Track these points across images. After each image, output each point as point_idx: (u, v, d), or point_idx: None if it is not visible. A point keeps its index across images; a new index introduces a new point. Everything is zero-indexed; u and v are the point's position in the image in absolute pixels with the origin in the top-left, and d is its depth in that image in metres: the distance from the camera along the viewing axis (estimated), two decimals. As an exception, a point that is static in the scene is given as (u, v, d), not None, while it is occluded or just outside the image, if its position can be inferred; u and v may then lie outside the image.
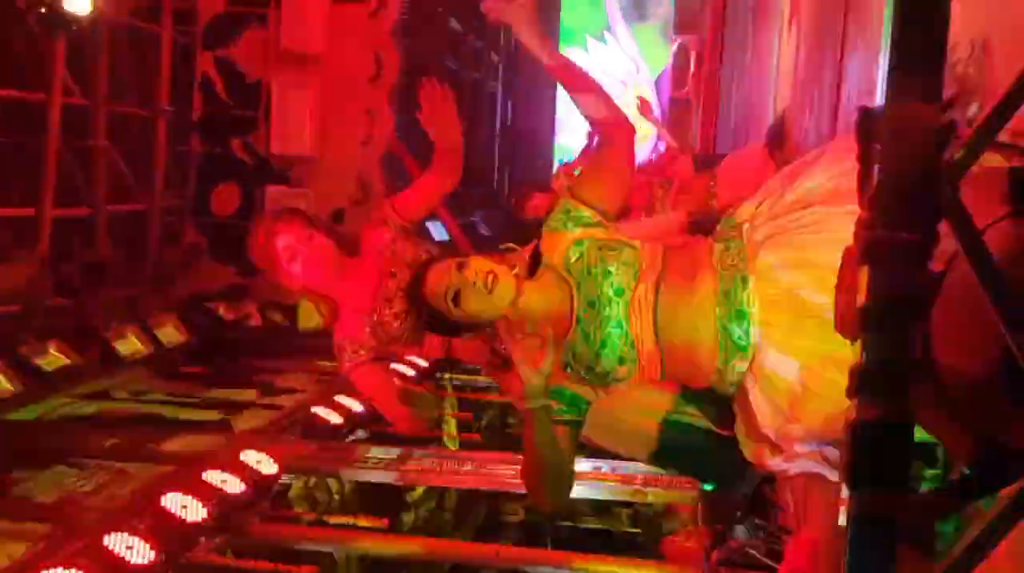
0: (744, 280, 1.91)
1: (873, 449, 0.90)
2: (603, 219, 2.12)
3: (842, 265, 1.15)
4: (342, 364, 3.05)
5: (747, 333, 1.89)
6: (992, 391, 1.01)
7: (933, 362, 1.03)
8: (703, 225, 2.33)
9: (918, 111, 0.87)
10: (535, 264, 2.15)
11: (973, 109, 2.07)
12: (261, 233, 2.97)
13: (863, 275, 0.91)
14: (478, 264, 2.06)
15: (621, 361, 1.98)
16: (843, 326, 1.16)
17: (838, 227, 1.81)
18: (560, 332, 2.04)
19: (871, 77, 3.85)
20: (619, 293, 1.98)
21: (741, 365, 1.92)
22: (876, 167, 0.89)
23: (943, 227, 0.90)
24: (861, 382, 0.91)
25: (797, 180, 1.98)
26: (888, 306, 0.89)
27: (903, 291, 0.89)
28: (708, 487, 5.76)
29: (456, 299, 2.04)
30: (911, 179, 0.88)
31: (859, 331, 0.90)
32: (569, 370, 2.04)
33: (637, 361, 1.98)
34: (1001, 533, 0.97)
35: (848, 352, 1.18)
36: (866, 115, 0.91)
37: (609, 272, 2.01)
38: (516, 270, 2.12)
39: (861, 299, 0.91)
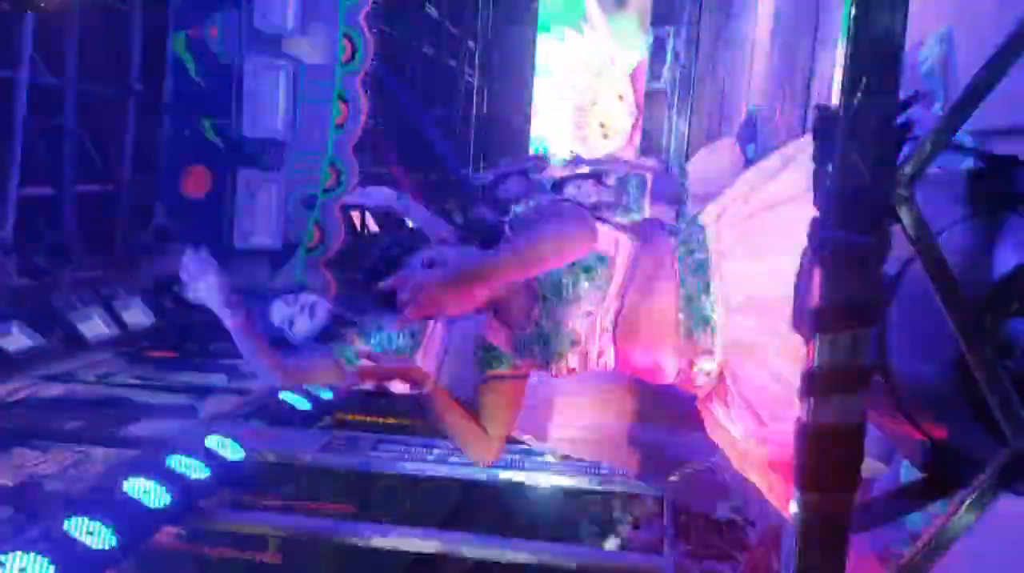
0: (707, 286, 1.89)
1: (824, 452, 0.89)
2: None
3: (800, 264, 1.14)
4: None
5: (712, 337, 1.88)
6: (947, 397, 1.00)
7: (888, 366, 1.02)
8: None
9: (874, 111, 0.86)
10: None
11: (936, 108, 2.07)
12: None
13: (816, 276, 0.90)
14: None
15: (574, 343, 1.96)
16: (799, 325, 1.15)
17: (803, 231, 1.79)
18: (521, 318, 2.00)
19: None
20: (588, 274, 1.96)
21: (708, 366, 1.90)
22: (831, 166, 0.88)
23: (898, 229, 0.90)
24: (812, 385, 0.90)
25: (764, 181, 1.95)
26: (840, 309, 0.88)
27: (856, 294, 0.88)
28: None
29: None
30: (866, 180, 0.87)
31: (810, 332, 0.89)
32: (523, 355, 2.00)
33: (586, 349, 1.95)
34: (956, 534, 0.97)
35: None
36: (823, 113, 0.89)
37: (582, 287, 1.98)
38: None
39: (814, 300, 0.89)
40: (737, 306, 1.85)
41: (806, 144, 1.95)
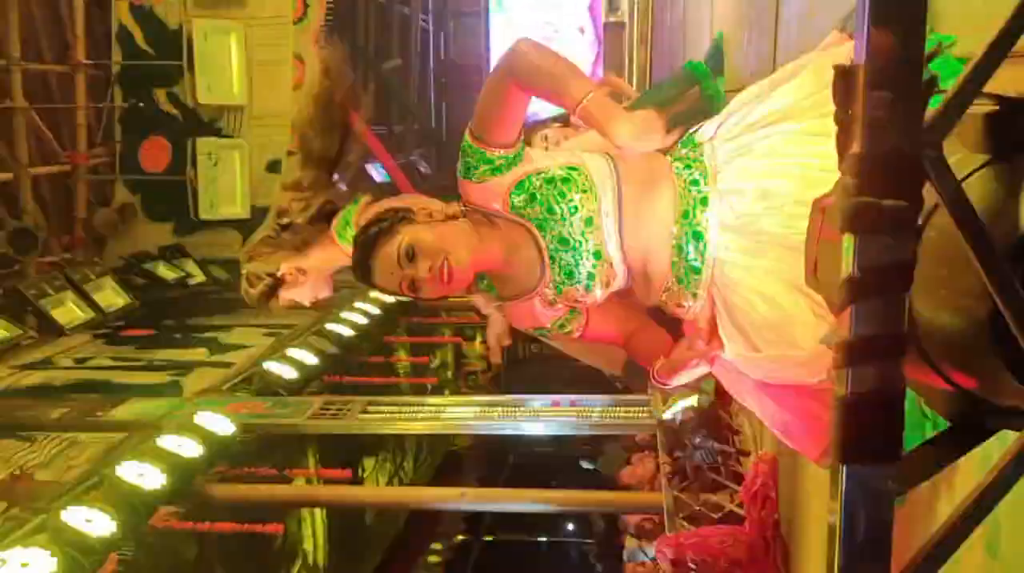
0: (704, 201, 1.88)
1: (864, 425, 0.87)
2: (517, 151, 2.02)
3: (811, 216, 1.11)
4: None
5: (702, 254, 1.88)
6: (976, 348, 0.99)
7: (913, 316, 1.00)
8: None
9: (900, 69, 0.83)
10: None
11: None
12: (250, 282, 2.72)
13: (846, 242, 0.87)
14: (427, 252, 1.94)
15: (603, 283, 1.97)
16: (813, 280, 1.12)
17: (804, 151, 1.78)
18: (526, 269, 1.98)
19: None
20: (589, 223, 1.94)
21: (694, 286, 1.90)
22: (854, 129, 0.84)
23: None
24: (850, 356, 0.87)
25: (769, 95, 1.92)
26: (874, 276, 0.86)
27: (890, 259, 0.85)
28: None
29: (414, 288, 1.96)
30: (894, 142, 0.84)
31: (845, 302, 0.86)
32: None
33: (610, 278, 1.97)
34: (999, 495, 0.95)
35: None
36: (844, 73, 0.85)
37: (575, 207, 1.95)
38: (465, 231, 2.02)
39: (845, 268, 0.87)
40: (728, 226, 1.85)
41: (802, 64, 1.91)
